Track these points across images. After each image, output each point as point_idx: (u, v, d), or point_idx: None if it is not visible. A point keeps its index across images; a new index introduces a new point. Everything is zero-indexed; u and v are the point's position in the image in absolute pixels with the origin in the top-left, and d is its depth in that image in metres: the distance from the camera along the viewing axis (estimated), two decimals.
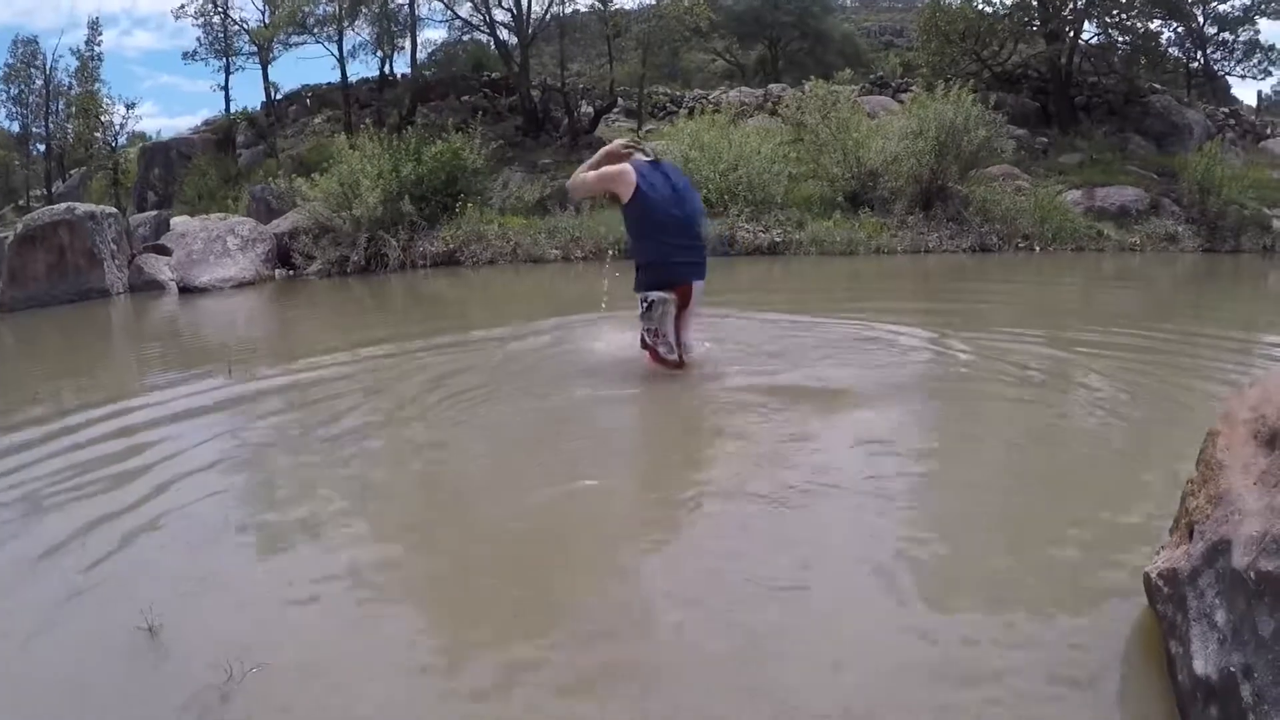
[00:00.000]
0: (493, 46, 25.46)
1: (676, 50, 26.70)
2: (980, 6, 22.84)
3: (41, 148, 34.57)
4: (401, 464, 4.26)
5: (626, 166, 4.93)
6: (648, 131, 22.63)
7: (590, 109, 23.73)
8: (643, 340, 5.13)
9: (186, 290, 16.61)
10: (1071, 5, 22.13)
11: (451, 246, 15.43)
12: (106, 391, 7.79)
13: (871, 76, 29.08)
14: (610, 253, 14.12)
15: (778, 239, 13.44)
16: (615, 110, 25.30)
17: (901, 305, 8.51)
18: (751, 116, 22.24)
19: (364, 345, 7.65)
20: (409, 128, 20.10)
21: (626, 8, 24.51)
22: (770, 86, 29.04)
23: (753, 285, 10.81)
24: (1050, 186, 15.78)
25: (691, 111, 21.41)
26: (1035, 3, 22.17)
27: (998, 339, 6.75)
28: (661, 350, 5.04)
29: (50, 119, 32.81)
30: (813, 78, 19.41)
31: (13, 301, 18.11)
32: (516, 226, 15.83)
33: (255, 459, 4.53)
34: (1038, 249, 12.53)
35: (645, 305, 4.94)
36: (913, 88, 21.52)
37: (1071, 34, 22.06)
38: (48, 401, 7.79)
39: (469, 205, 16.03)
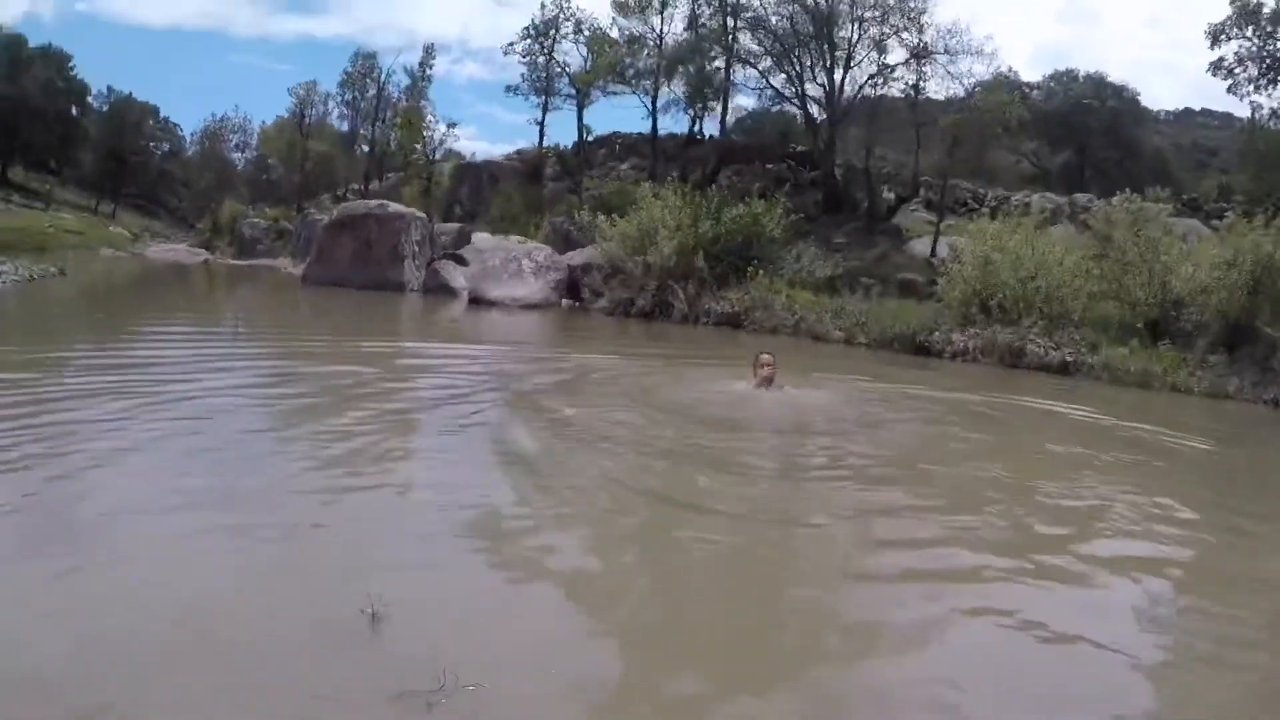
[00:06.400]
0: (801, 120, 25.48)
1: (984, 146, 25.61)
2: None
3: (365, 149, 38.55)
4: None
5: None
6: (948, 226, 21.67)
7: (891, 195, 23.05)
8: None
9: (476, 301, 17.45)
10: None
11: (737, 309, 15.12)
12: (380, 349, 8.64)
13: (1184, 197, 26.47)
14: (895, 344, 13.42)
15: (1069, 358, 12.18)
16: (916, 200, 24.47)
17: None
18: (1055, 224, 20.76)
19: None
20: (712, 186, 20.32)
21: (938, 98, 23.75)
22: (1076, 195, 27.23)
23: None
24: None
25: (994, 211, 20.22)
26: None
27: None
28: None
29: (377, 126, 36.89)
30: (1123, 190, 17.84)
31: (315, 276, 19.86)
32: (804, 301, 15.31)
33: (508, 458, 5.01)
34: None
35: None
36: (1228, 214, 19.29)
37: None
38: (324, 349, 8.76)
39: (760, 272, 15.78)
